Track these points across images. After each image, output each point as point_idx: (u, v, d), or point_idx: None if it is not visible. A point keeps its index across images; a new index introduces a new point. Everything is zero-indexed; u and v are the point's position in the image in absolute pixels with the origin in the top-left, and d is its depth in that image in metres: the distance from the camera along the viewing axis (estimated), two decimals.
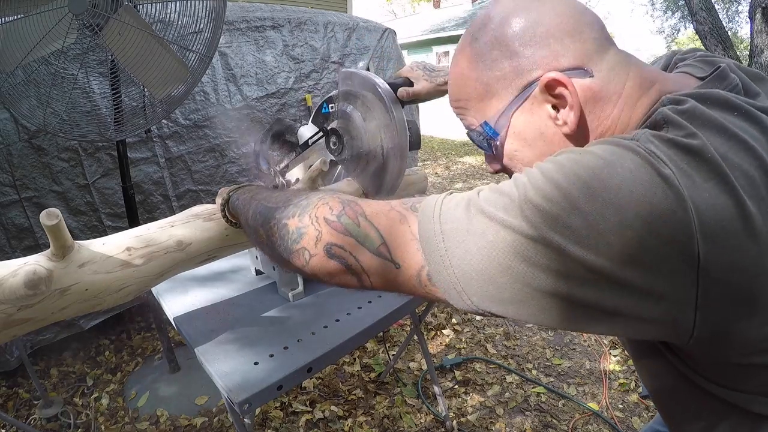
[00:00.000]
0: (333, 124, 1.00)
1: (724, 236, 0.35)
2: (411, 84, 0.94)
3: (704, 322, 0.37)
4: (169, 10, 1.34)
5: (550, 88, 0.47)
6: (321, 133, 1.01)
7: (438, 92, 0.89)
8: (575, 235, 0.36)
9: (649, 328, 0.39)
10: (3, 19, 1.20)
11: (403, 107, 0.93)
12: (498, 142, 0.53)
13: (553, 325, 0.40)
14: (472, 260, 0.39)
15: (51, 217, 0.57)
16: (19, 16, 1.20)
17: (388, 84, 0.91)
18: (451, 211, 0.42)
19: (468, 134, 0.57)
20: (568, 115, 0.47)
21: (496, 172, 0.58)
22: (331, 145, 1.01)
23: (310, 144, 1.04)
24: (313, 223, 0.49)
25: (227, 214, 0.73)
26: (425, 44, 13.04)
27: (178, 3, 1.33)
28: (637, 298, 0.36)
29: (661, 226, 0.35)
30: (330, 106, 1.01)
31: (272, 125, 1.23)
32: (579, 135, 0.49)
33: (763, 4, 3.86)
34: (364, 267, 0.46)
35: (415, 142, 0.97)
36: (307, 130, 1.06)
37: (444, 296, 0.43)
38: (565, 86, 0.46)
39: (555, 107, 0.48)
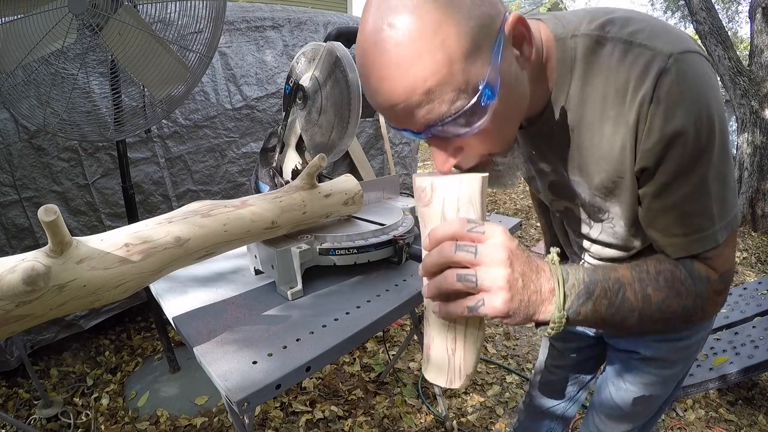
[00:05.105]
0: (302, 81, 1.25)
1: None
2: None
3: None
4: (169, 10, 1.34)
5: (515, 27, 0.48)
6: (295, 91, 1.27)
7: None
8: None
9: None
10: (3, 19, 1.20)
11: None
12: (494, 103, 0.47)
13: None
14: None
15: (49, 213, 0.57)
16: (19, 16, 1.20)
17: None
18: None
19: (436, 131, 0.48)
20: (530, 52, 0.50)
21: (455, 166, 0.54)
22: (297, 99, 1.26)
23: (291, 105, 1.29)
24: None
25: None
26: None
27: (178, 3, 1.33)
28: None
29: None
30: (290, 82, 1.28)
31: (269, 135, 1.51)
32: (537, 68, 0.54)
33: (763, 4, 3.85)
34: None
35: (369, 108, 1.26)
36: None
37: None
38: (524, 24, 0.48)
39: (517, 47, 0.50)
